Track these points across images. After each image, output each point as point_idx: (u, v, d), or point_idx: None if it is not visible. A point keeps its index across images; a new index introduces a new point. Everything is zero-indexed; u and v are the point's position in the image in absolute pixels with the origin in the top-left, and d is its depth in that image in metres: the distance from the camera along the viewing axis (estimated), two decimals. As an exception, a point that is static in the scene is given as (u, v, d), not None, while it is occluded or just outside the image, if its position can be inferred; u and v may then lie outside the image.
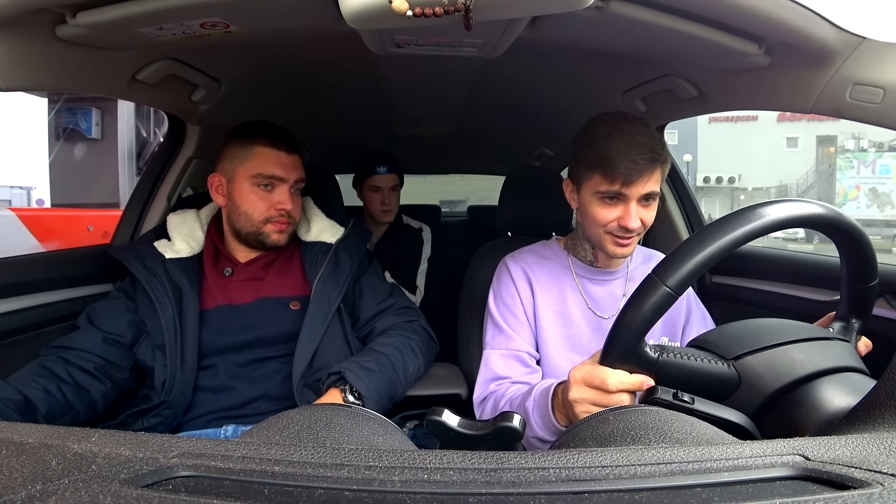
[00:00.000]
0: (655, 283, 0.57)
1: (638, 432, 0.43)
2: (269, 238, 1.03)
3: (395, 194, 1.86)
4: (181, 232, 1.07)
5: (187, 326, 0.96)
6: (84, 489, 0.26)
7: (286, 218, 1.03)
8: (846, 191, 22.82)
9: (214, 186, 1.04)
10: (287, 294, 1.04)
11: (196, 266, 1.04)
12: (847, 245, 0.64)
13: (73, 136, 6.55)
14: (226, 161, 1.02)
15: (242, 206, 1.01)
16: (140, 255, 1.02)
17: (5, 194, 9.82)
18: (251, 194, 1.01)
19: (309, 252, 1.08)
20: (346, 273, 1.06)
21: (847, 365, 0.58)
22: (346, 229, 1.14)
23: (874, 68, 0.76)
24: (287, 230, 1.05)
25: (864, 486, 0.27)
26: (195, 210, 1.13)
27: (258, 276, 1.05)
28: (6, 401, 0.80)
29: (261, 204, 1.01)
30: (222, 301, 1.02)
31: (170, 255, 1.02)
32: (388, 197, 1.82)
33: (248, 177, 1.00)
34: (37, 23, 0.72)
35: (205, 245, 1.08)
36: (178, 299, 0.98)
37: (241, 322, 1.00)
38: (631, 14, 0.74)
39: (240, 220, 1.02)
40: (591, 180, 0.87)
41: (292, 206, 1.03)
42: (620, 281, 1.00)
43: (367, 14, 0.62)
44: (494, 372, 0.93)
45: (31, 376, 0.87)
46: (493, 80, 1.27)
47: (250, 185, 1.00)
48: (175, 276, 1.00)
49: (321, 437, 0.41)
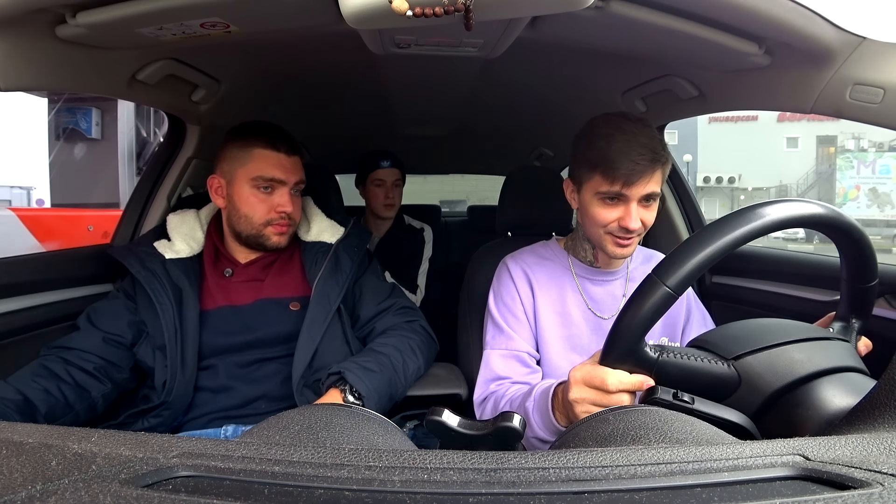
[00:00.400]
0: (655, 284, 0.57)
1: (638, 432, 0.43)
2: (269, 241, 1.02)
3: (398, 190, 1.87)
4: (181, 232, 1.07)
5: (187, 327, 0.96)
6: (84, 489, 0.26)
7: (287, 220, 1.02)
8: (846, 191, 22.82)
9: (214, 188, 1.03)
10: (287, 295, 1.04)
11: (196, 266, 1.04)
12: (847, 245, 0.64)
13: (73, 136, 6.55)
14: (225, 162, 1.02)
15: (242, 209, 1.01)
16: (140, 255, 1.01)
17: (5, 194, 9.82)
18: (251, 197, 1.00)
19: (309, 252, 1.07)
20: (346, 273, 1.06)
21: (847, 365, 0.58)
22: (346, 229, 1.14)
23: (874, 68, 0.76)
24: (287, 232, 1.04)
25: (864, 486, 0.27)
26: (195, 210, 1.13)
27: (258, 277, 1.05)
28: (6, 401, 0.80)
29: (261, 207, 1.00)
30: (222, 302, 1.01)
31: (170, 255, 1.02)
32: (392, 191, 1.83)
33: (248, 179, 0.99)
34: (37, 23, 0.72)
35: (205, 245, 1.07)
36: (178, 300, 0.97)
37: (241, 323, 1.00)
38: (631, 14, 0.74)
39: (240, 222, 1.02)
40: (591, 181, 0.87)
41: (293, 209, 1.02)
42: (620, 281, 1.00)
43: (367, 14, 0.62)
44: (495, 372, 0.93)
45: (32, 376, 0.86)
46: (493, 80, 1.27)
47: (250, 188, 1.00)
48: (175, 277, 0.99)
49: (321, 437, 0.41)
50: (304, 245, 1.09)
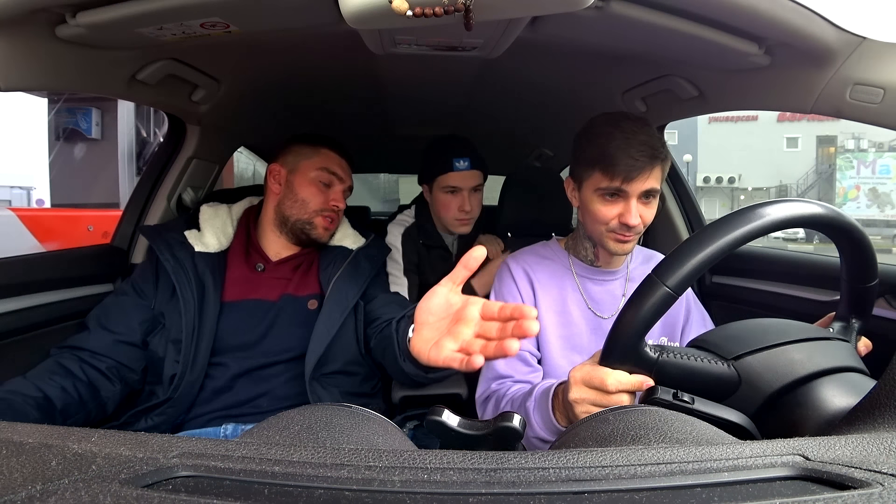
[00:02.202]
0: (655, 284, 0.57)
1: (638, 432, 0.43)
2: (315, 230, 1.08)
3: (477, 198, 1.39)
4: (213, 225, 1.08)
5: (205, 324, 0.96)
6: (84, 489, 0.26)
7: (335, 215, 1.10)
8: (846, 191, 22.82)
9: (273, 174, 1.09)
10: (306, 293, 1.06)
11: (221, 263, 1.05)
12: (847, 245, 0.64)
13: (73, 136, 6.53)
14: (290, 155, 1.09)
15: (301, 194, 1.07)
16: (170, 242, 1.02)
17: (5, 194, 9.83)
18: (312, 185, 1.07)
19: (327, 255, 1.10)
20: (365, 276, 1.09)
21: (847, 365, 0.58)
22: (367, 240, 1.18)
23: (874, 68, 0.76)
24: (332, 228, 1.11)
25: (864, 486, 0.27)
26: (227, 205, 1.15)
27: (286, 276, 1.07)
28: (27, 398, 0.81)
29: (319, 196, 1.08)
30: (250, 295, 1.02)
31: (199, 248, 1.04)
32: (469, 201, 1.35)
33: (314, 168, 1.08)
34: (37, 23, 0.72)
35: (234, 240, 1.09)
36: (200, 295, 0.98)
37: (259, 318, 1.00)
38: (631, 14, 0.74)
39: (294, 206, 1.07)
40: (592, 177, 0.88)
41: (343, 206, 1.11)
42: (620, 281, 1.00)
43: (367, 14, 0.62)
44: (496, 370, 0.93)
45: (49, 374, 0.87)
46: (493, 80, 1.27)
47: (314, 176, 1.07)
48: (201, 271, 1.00)
49: (321, 437, 0.41)
50: (324, 250, 1.12)
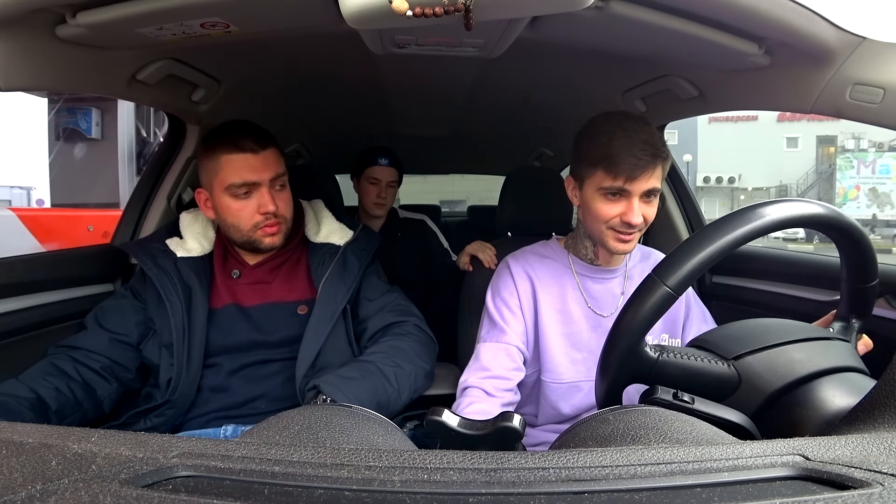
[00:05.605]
0: (655, 283, 0.57)
1: (638, 432, 0.43)
2: (262, 243, 1.00)
3: (392, 191, 1.83)
4: (193, 231, 1.07)
5: (195, 326, 0.96)
6: (84, 489, 0.26)
7: (274, 219, 0.99)
8: (846, 191, 22.82)
9: (203, 202, 1.02)
10: (294, 298, 1.04)
11: (207, 266, 1.04)
12: (847, 245, 0.64)
13: (73, 136, 6.52)
14: (203, 175, 1.00)
15: (228, 219, 0.99)
16: (152, 252, 1.01)
17: (5, 194, 9.84)
18: (231, 205, 0.97)
19: (316, 254, 1.07)
20: (353, 274, 1.06)
21: (847, 365, 0.58)
22: (355, 233, 1.13)
23: (874, 68, 0.76)
24: (280, 230, 1.01)
25: (864, 486, 0.27)
26: None
27: (265, 280, 1.05)
28: (21, 399, 0.81)
29: (244, 213, 0.97)
30: (229, 301, 1.02)
31: (181, 253, 1.02)
32: (385, 191, 1.79)
33: (223, 189, 0.96)
34: (37, 23, 0.72)
35: (215, 245, 1.07)
36: (187, 298, 0.97)
37: (247, 323, 1.00)
38: (631, 14, 0.74)
39: (230, 231, 1.01)
40: (594, 176, 0.88)
41: (276, 207, 0.98)
42: (619, 279, 1.01)
43: (367, 14, 0.62)
44: (480, 361, 0.93)
45: (43, 375, 0.87)
46: (493, 80, 1.27)
47: (228, 197, 0.97)
48: (186, 276, 1.00)
49: (321, 437, 0.41)
50: (312, 247, 1.09)
